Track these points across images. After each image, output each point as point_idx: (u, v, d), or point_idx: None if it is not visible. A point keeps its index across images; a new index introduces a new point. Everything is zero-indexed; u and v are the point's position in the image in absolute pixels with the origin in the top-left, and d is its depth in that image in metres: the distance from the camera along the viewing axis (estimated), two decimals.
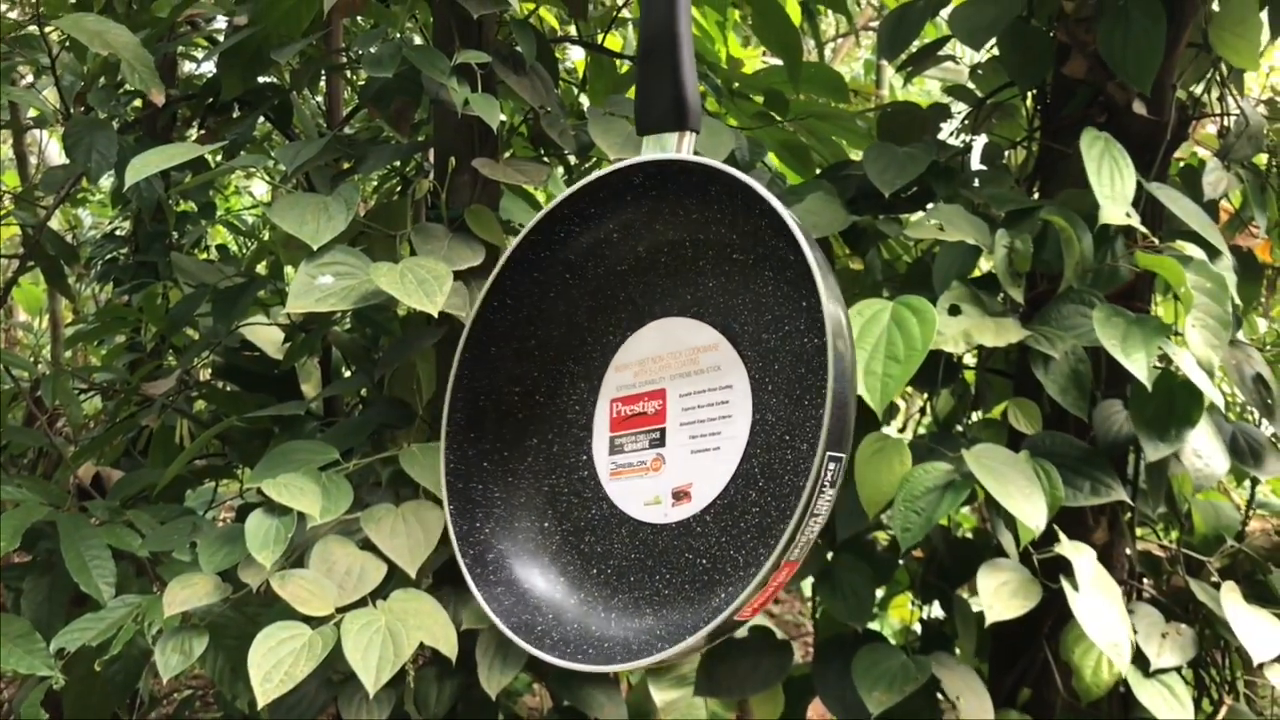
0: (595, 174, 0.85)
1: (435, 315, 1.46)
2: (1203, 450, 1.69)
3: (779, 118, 2.14)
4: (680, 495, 0.80)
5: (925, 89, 4.14)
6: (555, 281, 0.90)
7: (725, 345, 0.81)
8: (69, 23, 1.77)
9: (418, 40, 2.08)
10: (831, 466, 0.69)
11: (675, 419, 0.82)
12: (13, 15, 3.14)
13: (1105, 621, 1.52)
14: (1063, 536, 1.57)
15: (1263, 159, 1.95)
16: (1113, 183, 1.58)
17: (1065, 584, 1.53)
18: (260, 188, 4.35)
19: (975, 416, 2.08)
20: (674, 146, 0.82)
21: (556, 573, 0.86)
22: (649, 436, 0.83)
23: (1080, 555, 1.55)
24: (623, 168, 0.83)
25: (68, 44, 2.10)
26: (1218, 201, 1.86)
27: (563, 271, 0.90)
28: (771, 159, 2.29)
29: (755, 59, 3.27)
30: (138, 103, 2.26)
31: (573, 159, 2.36)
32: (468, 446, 0.90)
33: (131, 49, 1.74)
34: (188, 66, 2.64)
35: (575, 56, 2.95)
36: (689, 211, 0.83)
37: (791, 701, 1.87)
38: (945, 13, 2.06)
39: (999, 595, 1.54)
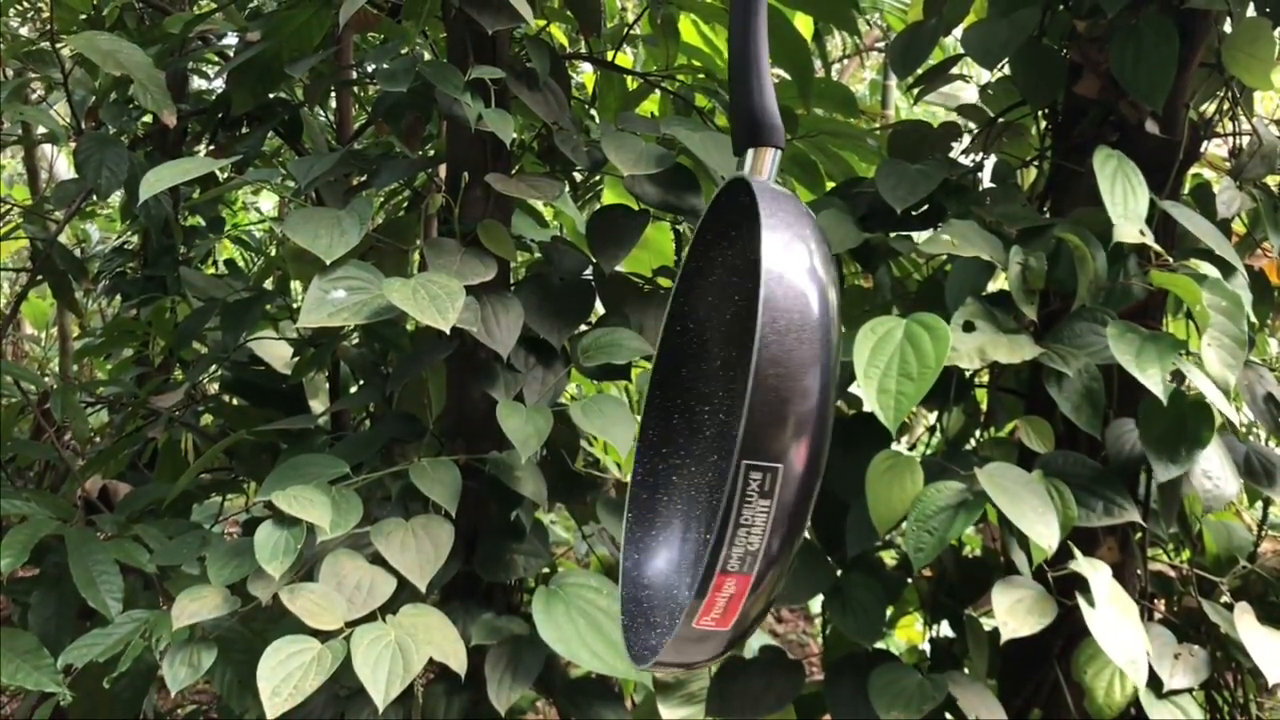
0: (713, 198, 0.88)
1: (447, 332, 1.45)
2: (1212, 471, 1.69)
3: (789, 134, 2.14)
4: None
5: (930, 110, 4.14)
6: (727, 303, 0.92)
7: None
8: (82, 42, 1.77)
9: (427, 56, 2.09)
10: (755, 476, 0.67)
11: None
12: (24, 31, 3.15)
13: (1122, 638, 1.51)
14: (1078, 554, 1.57)
15: (1275, 179, 1.94)
16: (1126, 201, 1.58)
17: (1081, 600, 1.52)
18: (268, 203, 4.36)
19: (984, 435, 2.07)
20: (747, 164, 0.84)
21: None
22: None
23: (1096, 572, 1.54)
24: (725, 188, 0.85)
25: (79, 59, 2.11)
26: (1230, 222, 1.86)
27: (731, 292, 0.92)
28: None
29: None
30: (148, 118, 2.26)
31: (579, 176, 2.37)
32: (659, 461, 0.93)
33: (144, 70, 1.75)
34: (198, 82, 2.65)
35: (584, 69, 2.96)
36: None
37: None
38: (956, 32, 2.07)
39: (1014, 612, 1.53)
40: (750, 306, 0.90)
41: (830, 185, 2.17)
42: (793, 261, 0.72)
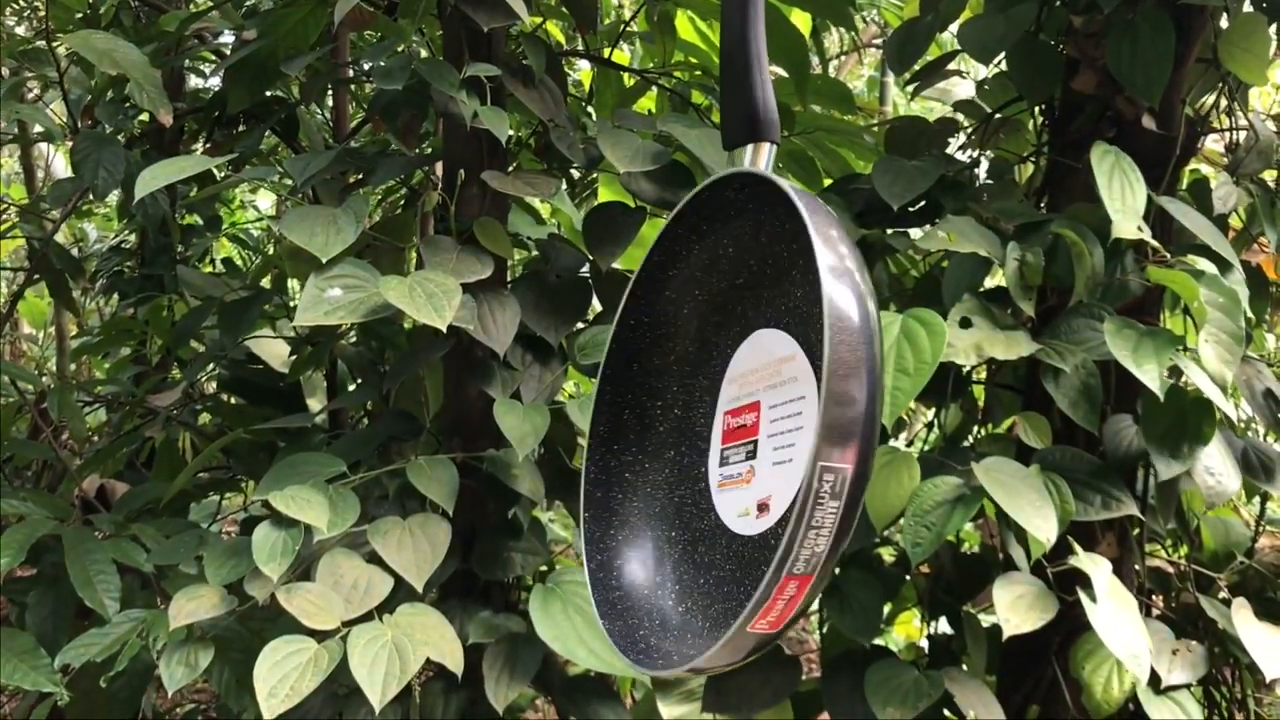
0: (694, 190, 0.87)
1: (444, 330, 1.45)
2: (1215, 467, 1.68)
3: (786, 130, 2.13)
4: (762, 507, 0.81)
5: (927, 106, 4.14)
6: (686, 298, 0.92)
7: (801, 356, 0.81)
8: (78, 41, 1.77)
9: (423, 54, 2.08)
10: (829, 478, 0.67)
11: (764, 431, 0.82)
12: (20, 30, 3.14)
13: (1124, 633, 1.51)
14: (1078, 549, 1.56)
15: (1271, 174, 1.94)
16: (1124, 196, 1.58)
17: (1083, 596, 1.52)
18: (265, 202, 4.36)
19: (982, 432, 2.07)
20: (747, 159, 0.83)
21: (673, 582, 0.88)
22: (745, 449, 0.84)
23: (1096, 567, 1.54)
24: (714, 182, 0.85)
25: (75, 58, 2.11)
26: (1226, 217, 1.86)
27: (692, 288, 0.92)
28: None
29: None
30: (144, 116, 2.26)
31: (576, 173, 2.36)
32: (610, 458, 0.93)
33: (140, 68, 1.74)
34: (194, 80, 2.65)
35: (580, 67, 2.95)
36: (782, 221, 0.83)
37: (799, 717, 1.86)
38: (953, 28, 2.06)
39: (1016, 608, 1.52)
40: (714, 302, 0.90)
41: (827, 182, 2.17)
42: (844, 263, 0.73)
